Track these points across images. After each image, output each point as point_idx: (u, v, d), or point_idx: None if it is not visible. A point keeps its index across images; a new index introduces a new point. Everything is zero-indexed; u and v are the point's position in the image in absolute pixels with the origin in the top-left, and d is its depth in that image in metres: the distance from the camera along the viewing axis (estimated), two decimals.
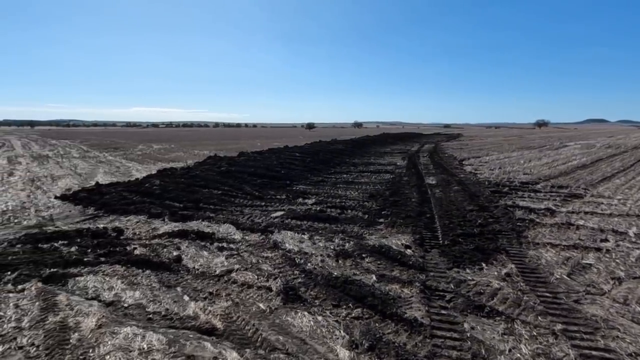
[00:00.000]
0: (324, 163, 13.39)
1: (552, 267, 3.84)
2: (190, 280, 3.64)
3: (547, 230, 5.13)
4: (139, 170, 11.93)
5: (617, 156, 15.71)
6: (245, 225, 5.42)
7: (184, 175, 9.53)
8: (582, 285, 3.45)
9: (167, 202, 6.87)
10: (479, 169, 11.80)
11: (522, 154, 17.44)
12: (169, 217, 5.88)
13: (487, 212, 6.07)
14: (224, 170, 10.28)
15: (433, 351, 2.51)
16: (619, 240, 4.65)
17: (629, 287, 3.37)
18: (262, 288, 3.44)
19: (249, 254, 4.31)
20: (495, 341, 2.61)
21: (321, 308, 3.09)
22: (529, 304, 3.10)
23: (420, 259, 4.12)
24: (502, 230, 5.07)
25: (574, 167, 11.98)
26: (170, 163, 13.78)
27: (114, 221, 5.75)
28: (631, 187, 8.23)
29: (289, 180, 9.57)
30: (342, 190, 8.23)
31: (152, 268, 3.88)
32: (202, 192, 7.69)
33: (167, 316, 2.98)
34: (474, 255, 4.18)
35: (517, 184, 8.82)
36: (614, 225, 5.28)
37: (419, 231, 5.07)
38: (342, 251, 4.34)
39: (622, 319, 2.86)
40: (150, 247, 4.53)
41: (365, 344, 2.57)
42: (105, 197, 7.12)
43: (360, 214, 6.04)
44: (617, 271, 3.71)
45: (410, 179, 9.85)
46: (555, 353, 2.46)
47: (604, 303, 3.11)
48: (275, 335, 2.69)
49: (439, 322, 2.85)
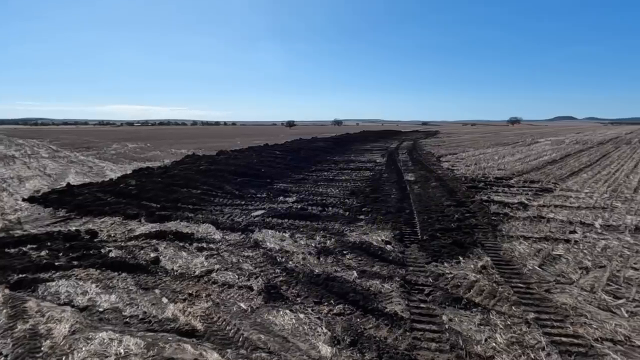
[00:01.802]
0: (305, 161, 13.38)
1: (524, 259, 4.00)
2: (168, 281, 3.56)
3: (520, 223, 5.33)
4: (113, 170, 11.54)
5: (584, 152, 16.49)
6: (226, 224, 5.35)
7: (162, 175, 9.30)
8: (553, 275, 3.60)
9: (144, 203, 6.69)
10: (455, 165, 12.09)
11: (497, 150, 18.01)
12: (146, 217, 5.72)
13: (464, 207, 6.24)
14: (203, 169, 10.09)
15: (413, 344, 2.56)
16: (586, 231, 4.88)
17: (595, 276, 3.55)
18: (243, 287, 3.41)
19: (230, 254, 4.26)
20: (472, 332, 2.70)
21: (303, 306, 3.09)
22: (503, 294, 3.21)
23: (400, 254, 4.19)
24: (478, 225, 5.22)
25: (544, 162, 12.48)
26: (146, 162, 13.41)
27: (87, 223, 5.54)
28: (597, 181, 8.66)
29: (269, 178, 9.51)
30: (323, 188, 8.25)
31: (128, 270, 3.77)
32: (181, 192, 7.52)
33: (145, 319, 2.90)
34: (452, 249, 4.29)
35: (492, 179, 9.11)
36: (582, 217, 5.54)
37: (399, 227, 5.15)
38: (324, 248, 4.36)
39: (589, 306, 3.01)
40: (127, 249, 4.40)
41: (347, 339, 2.59)
42: (77, 199, 6.85)
43: (341, 211, 6.08)
44: (584, 261, 3.90)
45: (390, 175, 9.99)
46: (528, 341, 2.57)
47: (572, 291, 3.27)
48: (257, 334, 2.68)
49: (419, 316, 2.92)
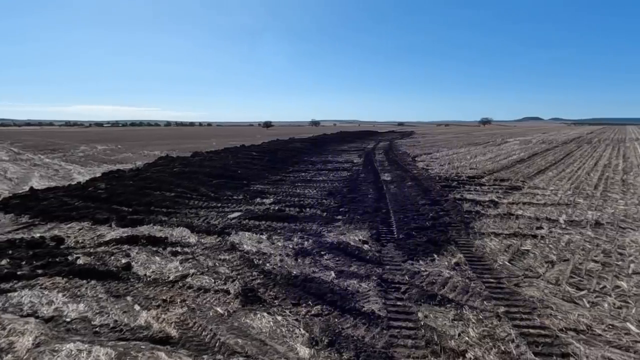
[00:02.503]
0: (282, 162, 13.31)
1: (495, 255, 4.15)
2: (141, 288, 3.45)
3: (491, 220, 5.53)
4: (81, 173, 11.05)
5: (550, 151, 17.32)
6: (201, 227, 5.24)
7: (133, 178, 8.99)
8: (521, 269, 3.76)
9: (115, 207, 6.45)
10: (430, 165, 12.39)
11: (469, 150, 18.60)
12: (116, 222, 5.51)
13: (438, 205, 6.40)
14: (177, 171, 9.84)
15: (390, 341, 2.60)
16: (552, 227, 5.13)
17: (560, 269, 3.73)
18: (219, 291, 3.36)
19: (205, 257, 4.18)
20: (446, 327, 2.77)
21: (281, 308, 3.08)
22: (475, 290, 3.32)
23: (377, 253, 4.25)
24: (452, 223, 5.38)
25: (514, 161, 13.01)
26: (117, 165, 12.93)
27: (53, 229, 5.28)
28: (561, 179, 9.12)
29: (246, 180, 9.40)
30: (300, 189, 8.24)
31: (98, 278, 3.62)
32: (154, 195, 7.30)
33: (116, 328, 2.80)
34: (427, 247, 4.40)
35: (464, 178, 9.40)
36: (547, 213, 5.82)
37: (376, 226, 5.22)
38: (301, 249, 4.35)
39: (554, 298, 3.16)
40: (96, 256, 4.23)
41: (325, 340, 2.60)
42: (42, 204, 6.51)
43: (319, 212, 6.09)
44: (550, 255, 4.10)
45: (367, 175, 10.11)
46: (499, 334, 2.67)
47: (539, 285, 3.42)
48: (234, 338, 2.64)
49: (395, 313, 2.97)
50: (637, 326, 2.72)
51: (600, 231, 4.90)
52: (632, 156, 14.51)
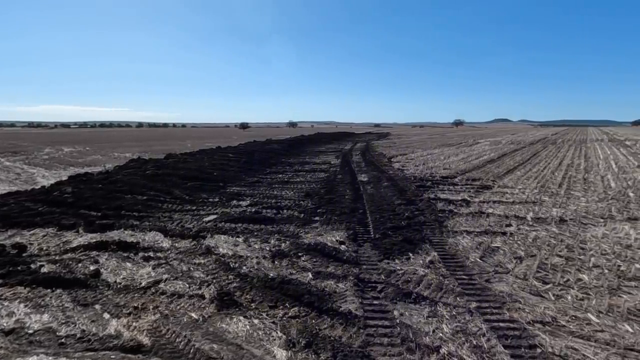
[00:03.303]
0: (259, 163, 13.19)
1: (467, 252, 4.28)
2: (111, 295, 3.32)
3: (464, 219, 5.70)
4: (45, 176, 10.51)
5: (518, 151, 18.08)
6: (175, 231, 5.10)
7: (103, 181, 8.64)
8: (492, 266, 3.90)
9: (83, 212, 6.17)
10: (405, 166, 12.64)
11: (443, 151, 19.12)
12: (84, 227, 5.28)
13: (414, 205, 6.54)
14: (150, 174, 9.54)
15: (367, 340, 2.63)
16: (520, 224, 5.35)
17: (527, 265, 3.90)
18: (194, 296, 3.28)
19: (179, 262, 4.07)
20: (421, 324, 2.83)
21: (257, 311, 3.04)
22: (449, 287, 3.41)
23: (354, 253, 4.28)
24: (426, 222, 5.51)
25: (484, 161, 13.49)
26: (85, 167, 12.39)
27: (14, 236, 4.98)
28: (528, 178, 9.54)
29: (222, 182, 9.24)
30: (277, 191, 8.19)
31: (64, 286, 3.45)
32: (125, 199, 7.04)
33: (83, 338, 2.67)
34: (403, 246, 4.47)
35: (438, 178, 9.65)
36: (516, 211, 6.07)
37: (353, 227, 5.27)
38: (279, 251, 4.32)
39: (522, 293, 3.30)
40: (62, 263, 4.02)
41: (302, 341, 2.60)
42: (2, 209, 6.13)
43: (296, 213, 6.08)
44: (518, 251, 4.27)
45: (344, 176, 10.18)
46: (471, 329, 2.75)
47: (508, 280, 3.56)
48: (209, 344, 2.59)
49: (372, 312, 3.00)
50: (597, 316, 2.88)
51: (564, 227, 5.16)
52: (592, 156, 15.38)
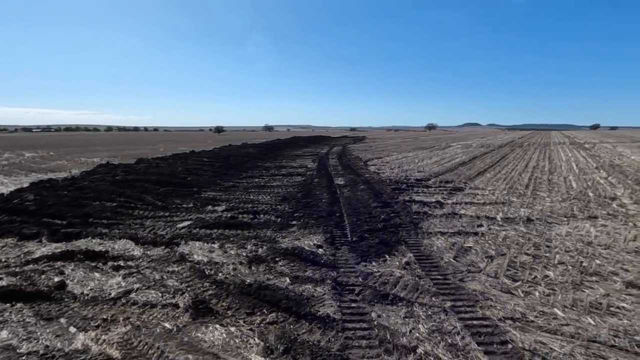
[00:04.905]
0: (235, 168, 13.01)
1: (442, 253, 4.39)
2: (77, 308, 3.15)
3: (438, 220, 5.85)
4: (4, 183, 9.89)
5: (488, 154, 18.78)
6: (147, 239, 4.92)
7: (68, 187, 8.24)
8: (465, 265, 4.02)
9: (46, 220, 5.84)
10: (381, 169, 12.84)
11: (417, 154, 19.58)
12: (47, 237, 5.00)
13: (389, 207, 6.64)
14: (120, 180, 9.19)
15: (345, 344, 2.63)
16: (490, 224, 5.55)
17: (498, 263, 4.04)
18: (167, 306, 3.17)
19: (152, 270, 3.93)
20: (398, 325, 2.87)
21: (234, 318, 2.98)
22: (424, 287, 3.48)
23: (332, 257, 4.29)
24: (402, 224, 5.60)
25: (456, 164, 13.92)
26: (49, 174, 11.76)
27: None
28: (498, 180, 9.93)
29: (196, 187, 9.03)
30: (254, 195, 8.10)
31: (25, 300, 3.24)
32: (93, 206, 6.74)
33: (47, 354, 2.52)
34: (379, 248, 4.53)
35: (413, 180, 9.86)
36: (487, 212, 6.29)
37: (330, 230, 5.28)
38: (255, 257, 4.26)
39: (494, 290, 3.42)
40: (23, 275, 3.79)
41: (280, 347, 2.56)
42: None
43: (273, 218, 6.03)
44: (489, 251, 4.43)
45: (321, 180, 10.21)
46: (446, 327, 2.82)
47: (481, 278, 3.68)
48: (184, 354, 2.51)
49: (350, 315, 3.01)
50: (562, 311, 3.03)
51: (531, 226, 5.40)
52: (556, 158, 16.22)
